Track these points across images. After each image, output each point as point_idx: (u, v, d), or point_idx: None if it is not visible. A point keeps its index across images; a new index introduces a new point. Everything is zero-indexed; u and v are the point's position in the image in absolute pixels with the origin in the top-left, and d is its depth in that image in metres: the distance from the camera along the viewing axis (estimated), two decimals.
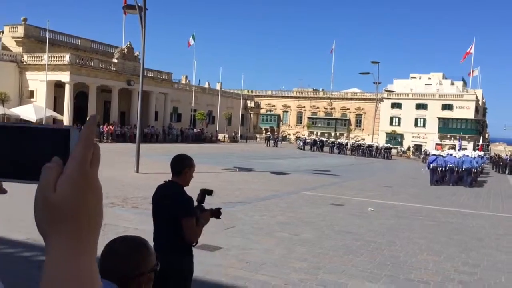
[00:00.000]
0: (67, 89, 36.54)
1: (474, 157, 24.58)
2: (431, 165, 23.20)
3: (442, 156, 23.73)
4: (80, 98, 39.45)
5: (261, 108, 73.44)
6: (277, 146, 50.87)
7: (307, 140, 53.68)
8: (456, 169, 22.92)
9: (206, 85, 65.19)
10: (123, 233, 8.28)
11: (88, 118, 0.70)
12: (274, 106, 75.75)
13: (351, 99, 70.79)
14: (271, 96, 76.46)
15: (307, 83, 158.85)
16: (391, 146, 51.76)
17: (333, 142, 51.57)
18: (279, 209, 12.24)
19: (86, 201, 0.61)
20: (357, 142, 52.42)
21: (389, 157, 47.66)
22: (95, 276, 0.63)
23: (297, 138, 58.33)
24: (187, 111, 53.78)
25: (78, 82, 37.23)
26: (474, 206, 15.75)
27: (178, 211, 3.59)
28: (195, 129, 51.42)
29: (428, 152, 38.86)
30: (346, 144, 51.14)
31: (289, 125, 74.58)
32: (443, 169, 22.96)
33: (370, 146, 49.55)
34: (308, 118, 72.26)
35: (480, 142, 44.52)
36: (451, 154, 24.12)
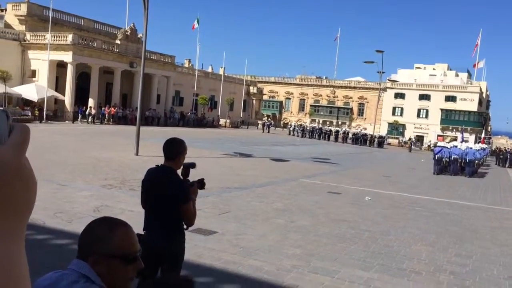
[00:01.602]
0: (69, 70, 36.40)
1: (478, 150, 26.13)
2: (436, 155, 24.25)
3: (447, 147, 24.90)
4: (82, 79, 39.31)
5: (264, 95, 73.18)
6: (269, 132, 50.92)
7: (295, 128, 54.05)
8: (460, 160, 24.03)
9: (209, 70, 64.83)
10: (119, 214, 8.32)
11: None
12: (277, 92, 75.49)
13: (354, 87, 70.45)
14: (274, 83, 76.14)
15: (311, 70, 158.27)
16: (383, 135, 52.21)
17: (330, 130, 52.29)
18: (276, 195, 12.27)
19: (13, 188, 0.60)
20: (352, 131, 52.94)
21: (382, 146, 48.43)
22: (17, 267, 0.61)
23: (285, 125, 56.87)
24: (189, 95, 53.60)
25: (81, 62, 37.05)
26: (472, 198, 15.77)
27: (178, 198, 3.59)
28: (196, 114, 51.35)
29: (431, 144, 39.47)
30: (341, 132, 51.97)
31: (291, 112, 74.38)
32: (448, 159, 24.03)
33: (364, 135, 50.72)
34: (311, 105, 72.05)
35: (483, 135, 44.39)
36: (456, 146, 25.32)
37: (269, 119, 56.11)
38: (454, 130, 59.83)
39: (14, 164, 0.63)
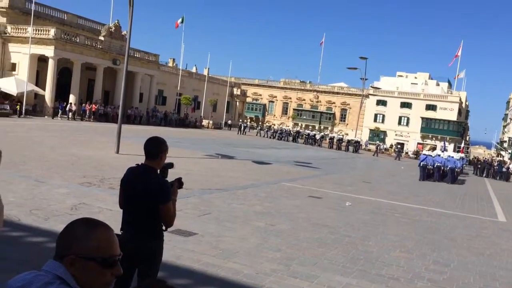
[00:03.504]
0: (51, 64, 35.80)
1: (458, 159, 28.03)
2: (421, 163, 26.07)
3: (431, 156, 26.63)
4: (64, 75, 38.69)
5: (247, 97, 73.20)
6: (245, 134, 50.85)
7: (270, 130, 54.17)
8: (442, 167, 26.06)
9: (194, 70, 64.57)
10: (97, 213, 8.18)
11: None
12: (261, 95, 75.59)
13: (337, 93, 71.02)
14: (258, 85, 76.23)
15: (295, 74, 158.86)
16: (359, 140, 52.69)
17: (308, 134, 52.64)
18: (257, 198, 12.22)
19: None
20: (329, 135, 53.59)
21: (357, 151, 48.79)
22: None
23: (269, 128, 56.50)
24: (172, 94, 53.27)
25: (62, 57, 36.49)
26: (450, 206, 15.98)
27: (158, 198, 3.51)
28: (178, 114, 51.01)
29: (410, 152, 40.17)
30: (317, 136, 52.41)
31: (275, 115, 74.56)
32: (432, 167, 25.98)
33: (339, 139, 51.33)
34: (294, 109, 72.35)
35: (462, 145, 45.18)
36: (439, 155, 27.09)
37: (245, 121, 56.01)
38: (434, 138, 60.76)
39: None
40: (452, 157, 27.55)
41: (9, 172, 10.74)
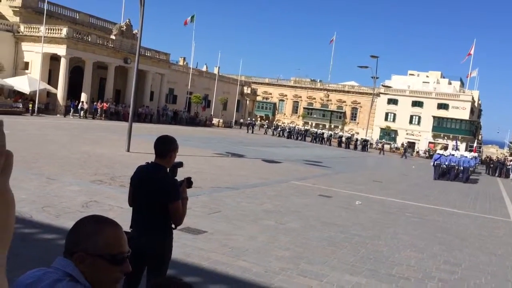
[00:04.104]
0: (63, 63, 36.10)
1: (471, 158, 28.64)
2: (435, 162, 26.55)
3: (444, 155, 27.09)
4: (76, 73, 39.00)
5: (258, 95, 73.17)
6: (252, 132, 50.91)
7: (278, 129, 54.60)
8: (456, 167, 26.47)
9: (204, 69, 64.71)
10: (107, 211, 8.24)
11: None
12: (271, 94, 75.51)
13: (348, 92, 70.69)
14: (268, 84, 76.16)
15: (305, 73, 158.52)
16: (367, 139, 53.12)
17: (316, 133, 53.30)
18: (267, 197, 12.22)
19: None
20: (338, 134, 53.86)
21: (366, 150, 49.22)
22: None
23: (262, 125, 56.27)
24: (183, 93, 53.42)
25: (74, 56, 36.79)
26: (462, 206, 15.83)
27: (168, 197, 3.53)
28: (189, 112, 51.15)
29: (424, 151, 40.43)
30: (324, 135, 53.17)
31: (285, 114, 74.45)
32: (445, 166, 26.45)
33: (348, 138, 52.14)
34: (304, 108, 72.17)
35: (475, 144, 44.69)
36: (453, 155, 27.55)
37: (253, 118, 56.17)
38: (446, 137, 60.20)
39: (11, 195, 0.60)
40: (466, 156, 28.11)
41: (21, 170, 10.86)
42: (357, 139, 51.72)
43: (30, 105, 32.32)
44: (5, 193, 0.58)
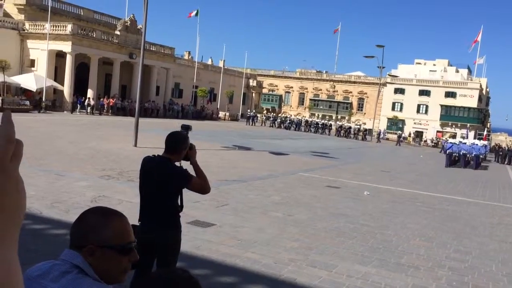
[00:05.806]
0: (68, 60, 36.21)
1: (481, 146, 29.76)
2: (447, 150, 27.96)
3: (456, 144, 28.32)
4: (81, 70, 39.12)
5: (263, 88, 72.98)
6: (254, 125, 50.95)
7: (277, 120, 54.90)
8: (468, 154, 27.67)
9: (209, 62, 64.59)
10: (117, 205, 8.28)
11: (2, 114, 0.69)
12: (277, 86, 75.26)
13: (354, 82, 70.26)
14: (273, 76, 75.88)
15: (311, 64, 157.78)
16: (367, 128, 53.65)
17: (317, 123, 53.60)
18: (274, 189, 12.22)
19: (4, 195, 0.61)
20: (339, 124, 54.36)
21: (365, 139, 49.78)
22: (11, 272, 0.62)
23: (268, 118, 56.41)
24: (188, 87, 53.41)
25: (80, 53, 36.86)
26: (471, 194, 15.74)
27: (185, 179, 3.57)
28: (195, 106, 51.17)
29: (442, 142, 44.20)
30: (329, 125, 53.79)
31: (291, 106, 74.20)
32: (457, 154, 27.70)
33: (349, 127, 53.14)
34: (310, 99, 71.90)
35: (485, 132, 44.37)
36: (464, 143, 28.74)
37: (254, 111, 56.22)
38: (454, 126, 59.77)
39: (14, 177, 0.65)
40: (476, 144, 29.14)
41: (30, 166, 10.93)
42: (358, 129, 52.15)
43: (43, 103, 32.42)
44: (17, 177, 0.63)
